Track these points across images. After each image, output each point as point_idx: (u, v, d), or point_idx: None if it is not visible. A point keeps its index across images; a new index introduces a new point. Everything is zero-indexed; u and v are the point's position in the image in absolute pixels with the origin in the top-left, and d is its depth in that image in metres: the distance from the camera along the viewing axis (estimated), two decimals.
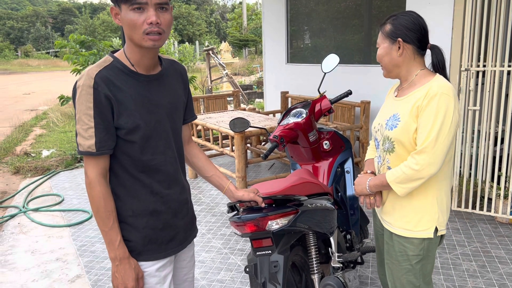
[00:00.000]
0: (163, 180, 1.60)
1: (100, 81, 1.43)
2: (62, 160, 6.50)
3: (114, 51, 1.58)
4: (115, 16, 1.48)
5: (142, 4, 1.40)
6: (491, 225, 3.78)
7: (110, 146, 1.47)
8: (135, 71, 1.51)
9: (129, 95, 1.48)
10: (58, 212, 4.50)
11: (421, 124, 1.65)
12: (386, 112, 1.84)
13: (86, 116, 1.42)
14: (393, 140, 1.73)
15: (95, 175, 1.47)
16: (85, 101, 1.42)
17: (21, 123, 10.20)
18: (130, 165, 1.53)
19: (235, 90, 7.46)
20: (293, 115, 2.60)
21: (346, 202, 2.71)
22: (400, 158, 1.74)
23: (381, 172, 1.86)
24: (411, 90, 1.75)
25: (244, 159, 4.35)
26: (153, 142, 1.55)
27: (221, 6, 63.74)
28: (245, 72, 23.26)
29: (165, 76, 1.61)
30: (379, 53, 1.80)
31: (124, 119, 1.46)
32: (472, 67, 3.63)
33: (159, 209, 1.60)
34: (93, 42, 6.64)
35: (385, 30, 1.76)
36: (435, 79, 1.71)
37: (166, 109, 1.58)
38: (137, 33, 1.42)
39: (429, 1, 4.29)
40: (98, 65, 1.48)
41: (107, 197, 1.49)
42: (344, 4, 5.72)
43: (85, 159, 1.48)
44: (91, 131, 1.43)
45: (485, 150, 3.77)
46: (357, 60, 5.58)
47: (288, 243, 2.00)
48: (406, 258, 1.80)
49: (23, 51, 51.03)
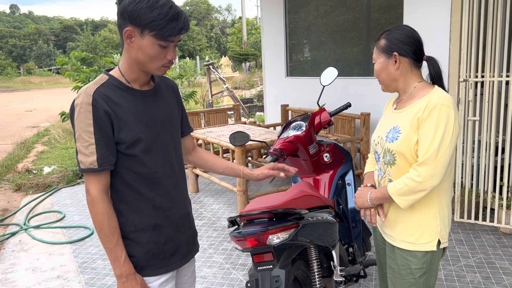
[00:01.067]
0: (164, 193, 1.60)
1: (98, 98, 1.44)
2: (63, 177, 6.50)
3: (108, 69, 1.60)
4: (128, 37, 1.45)
5: (170, 42, 1.46)
6: (495, 236, 3.75)
7: (111, 162, 1.48)
8: (131, 87, 1.53)
9: (127, 110, 1.49)
10: (59, 229, 4.49)
11: (422, 136, 1.64)
12: (386, 125, 1.84)
13: (86, 133, 1.43)
14: (394, 153, 1.73)
15: (97, 192, 1.47)
16: (85, 119, 1.43)
17: (22, 140, 10.23)
18: (131, 179, 1.54)
19: (236, 104, 7.49)
20: (293, 128, 2.60)
21: (348, 214, 2.70)
22: (401, 171, 1.73)
23: (382, 185, 1.85)
24: (410, 102, 1.76)
25: None
26: (153, 155, 1.56)
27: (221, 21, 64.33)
28: (246, 86, 23.37)
29: (158, 91, 1.64)
30: (376, 68, 1.80)
31: (125, 134, 1.48)
32: (470, 77, 3.64)
33: (161, 224, 1.60)
34: (94, 59, 6.69)
35: (380, 45, 1.77)
36: (434, 91, 1.71)
37: (163, 122, 1.60)
38: (154, 64, 1.48)
39: (426, 13, 4.33)
40: (95, 83, 1.50)
41: (110, 213, 1.49)
42: (342, 18, 5.77)
43: (87, 177, 1.48)
44: (92, 147, 1.44)
45: (486, 160, 3.76)
46: (356, 72, 5.60)
47: (290, 257, 1.99)
48: (409, 272, 1.78)
49: (26, 68, 51.48)
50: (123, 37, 1.47)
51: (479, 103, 3.70)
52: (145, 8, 1.40)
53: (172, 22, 1.42)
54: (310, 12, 6.23)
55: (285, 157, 2.47)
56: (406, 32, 1.75)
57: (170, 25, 1.41)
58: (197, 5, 61.39)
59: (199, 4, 61.74)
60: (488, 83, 3.60)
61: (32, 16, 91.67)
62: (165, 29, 1.41)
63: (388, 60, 1.76)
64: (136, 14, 1.41)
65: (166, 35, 1.42)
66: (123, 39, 1.47)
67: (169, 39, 1.44)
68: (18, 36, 59.63)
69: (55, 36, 64.66)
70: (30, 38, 59.07)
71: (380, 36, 1.80)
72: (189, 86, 19.16)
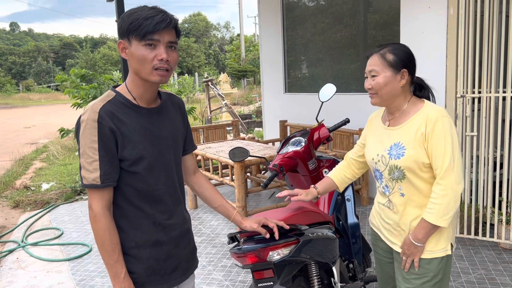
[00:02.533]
0: (165, 210, 1.61)
1: (104, 115, 1.46)
2: (61, 193, 6.48)
3: (115, 86, 1.61)
4: (122, 50, 1.51)
5: (154, 41, 1.45)
6: (495, 251, 3.74)
7: (114, 178, 1.50)
8: (137, 104, 1.55)
9: (132, 127, 1.51)
10: (57, 246, 4.45)
11: (434, 150, 1.71)
12: (383, 143, 1.87)
13: (90, 149, 1.45)
14: (403, 168, 1.77)
15: (100, 208, 1.48)
16: (90, 135, 1.45)
17: (21, 156, 10.21)
18: (133, 196, 1.55)
19: (234, 120, 7.52)
20: (292, 144, 2.62)
21: (348, 230, 2.69)
22: (412, 183, 1.78)
23: (393, 201, 1.86)
24: (406, 118, 1.82)
25: (244, 188, 4.34)
26: (155, 172, 1.57)
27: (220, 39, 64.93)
28: (244, 102, 23.48)
29: (164, 108, 1.65)
30: (380, 81, 1.79)
31: (128, 151, 1.50)
32: (467, 93, 3.68)
33: (161, 240, 1.61)
34: (94, 76, 6.74)
35: (388, 59, 1.78)
36: (427, 105, 1.80)
37: (167, 140, 1.62)
38: (146, 67, 1.47)
39: (422, 30, 4.39)
40: (102, 100, 1.52)
41: (112, 230, 1.50)
42: (339, 35, 5.84)
43: (90, 192, 1.49)
44: (95, 164, 1.45)
45: (484, 175, 3.77)
46: (353, 88, 5.65)
47: (290, 274, 1.98)
48: (427, 280, 1.80)
49: (25, 85, 51.66)
50: (120, 53, 1.52)
51: (476, 119, 3.72)
52: (127, 16, 1.47)
53: (148, 19, 1.43)
54: (308, 29, 6.30)
55: (284, 172, 2.47)
56: (410, 51, 1.82)
57: (145, 23, 1.43)
58: (195, 23, 62.02)
59: (198, 22, 62.38)
60: (485, 99, 3.63)
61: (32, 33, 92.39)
62: (141, 27, 1.43)
63: (396, 76, 1.78)
64: (121, 25, 1.48)
65: (143, 33, 1.43)
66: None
67: (150, 37, 1.44)
68: (18, 53, 60.00)
69: (55, 53, 65.06)
70: (30, 55, 59.42)
71: (384, 50, 1.81)
72: (188, 102, 19.24)
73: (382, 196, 1.94)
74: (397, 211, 1.86)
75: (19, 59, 58.03)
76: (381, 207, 1.96)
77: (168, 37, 1.48)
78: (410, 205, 1.82)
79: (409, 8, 4.56)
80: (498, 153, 3.78)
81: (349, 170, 2.18)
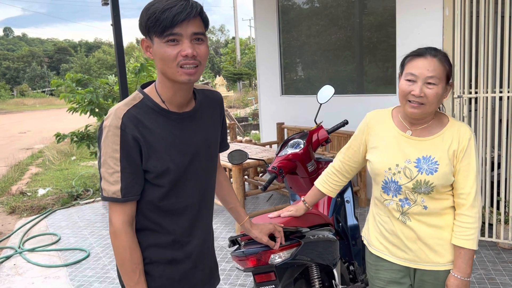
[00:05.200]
0: (186, 226, 1.47)
1: (128, 122, 1.32)
2: (58, 199, 6.44)
3: (144, 85, 1.45)
4: (146, 49, 1.36)
5: (176, 36, 1.27)
6: (494, 251, 3.74)
7: (137, 192, 1.36)
8: (166, 109, 1.39)
9: (159, 135, 1.36)
10: (55, 252, 4.42)
11: (465, 169, 1.65)
12: (404, 153, 1.70)
13: (112, 159, 1.32)
14: (434, 185, 1.64)
15: (120, 223, 1.35)
16: (112, 143, 1.31)
17: (16, 162, 10.15)
18: (153, 210, 1.42)
19: (231, 123, 7.51)
20: (291, 146, 2.61)
21: (348, 232, 2.68)
22: (434, 197, 1.68)
23: (413, 214, 1.71)
24: (434, 131, 1.69)
25: (242, 191, 4.33)
26: (181, 186, 1.43)
27: (215, 42, 64.96)
28: (240, 105, 23.49)
29: (199, 112, 1.48)
30: (439, 92, 1.60)
31: (153, 162, 1.35)
32: (464, 94, 3.69)
33: (178, 258, 1.47)
34: (90, 80, 6.70)
35: (447, 69, 1.62)
36: (452, 120, 1.71)
37: (199, 148, 1.46)
38: (170, 66, 1.30)
39: (418, 31, 4.41)
40: (127, 104, 1.36)
41: (133, 247, 1.37)
42: (335, 37, 5.85)
43: (110, 206, 1.37)
44: (116, 175, 1.32)
45: (482, 175, 3.78)
46: (350, 90, 5.66)
47: (292, 276, 1.97)
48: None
49: (19, 90, 51.48)
50: (145, 52, 1.37)
51: (473, 119, 3.74)
52: (144, 10, 1.30)
53: (165, 12, 1.25)
54: (303, 32, 6.31)
55: (283, 175, 2.47)
56: None
57: (162, 16, 1.24)
58: None
59: None
60: (482, 99, 3.65)
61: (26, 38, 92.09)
62: (159, 22, 1.25)
63: (446, 87, 1.65)
64: (140, 22, 1.32)
65: (162, 29, 1.26)
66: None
67: (169, 32, 1.26)
68: (12, 58, 59.81)
69: (49, 58, 64.88)
70: (24, 60, 59.25)
71: (439, 56, 1.62)
72: None
73: (394, 211, 1.75)
74: (418, 225, 1.71)
75: (13, 64, 57.83)
76: (393, 223, 1.77)
77: (192, 28, 1.28)
78: (432, 217, 1.70)
79: (404, 9, 4.58)
80: (495, 153, 3.79)
81: (341, 177, 2.01)
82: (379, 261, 1.83)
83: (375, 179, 1.81)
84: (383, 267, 1.82)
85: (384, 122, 1.80)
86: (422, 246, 1.72)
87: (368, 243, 1.91)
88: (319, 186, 2.06)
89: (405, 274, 1.79)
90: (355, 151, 1.91)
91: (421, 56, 1.61)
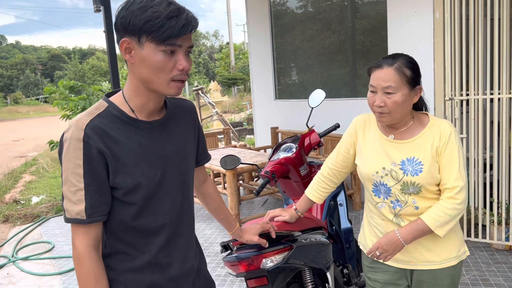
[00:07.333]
0: (164, 246, 1.34)
1: (91, 133, 1.19)
2: (52, 206, 6.40)
3: (109, 93, 1.32)
4: (125, 50, 1.21)
5: (175, 47, 1.18)
6: (488, 252, 3.75)
7: (103, 212, 1.23)
8: (135, 117, 1.27)
9: (127, 147, 1.24)
10: (49, 260, 4.39)
11: (447, 164, 1.65)
12: (389, 156, 1.72)
13: (74, 175, 1.19)
14: (421, 185, 1.66)
15: (84, 246, 1.22)
16: (74, 158, 1.18)
17: (10, 170, 10.09)
18: (125, 230, 1.29)
19: (226, 128, 7.51)
20: (283, 150, 2.61)
21: (341, 235, 2.69)
22: (425, 196, 1.69)
23: (406, 215, 1.73)
24: (415, 132, 1.71)
25: (237, 196, 4.33)
26: (155, 202, 1.30)
27: (209, 47, 65.09)
28: (235, 110, 23.50)
29: (170, 120, 1.36)
30: (398, 100, 1.61)
31: (122, 178, 1.23)
32: (456, 96, 3.71)
33: (158, 283, 1.34)
34: (83, 87, 6.69)
35: (406, 75, 1.62)
36: (433, 118, 1.73)
37: (173, 158, 1.34)
38: (162, 77, 1.20)
39: (409, 34, 4.43)
40: (90, 113, 1.23)
41: (99, 275, 1.23)
42: (328, 41, 5.88)
43: (73, 228, 1.22)
44: (80, 194, 1.19)
45: (475, 177, 3.80)
46: (343, 94, 5.68)
47: (284, 281, 1.97)
48: (452, 286, 1.79)
49: (13, 98, 51.24)
50: (122, 53, 1.22)
51: (465, 121, 3.76)
52: (137, 9, 1.16)
53: (171, 20, 1.15)
54: (296, 36, 6.34)
55: (276, 179, 2.47)
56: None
57: (168, 23, 1.14)
58: None
59: None
60: (473, 101, 3.67)
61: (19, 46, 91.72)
62: (163, 29, 1.14)
63: (411, 93, 1.65)
64: (128, 20, 1.16)
65: (165, 37, 1.15)
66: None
67: (172, 42, 1.17)
68: (5, 66, 59.54)
69: (43, 65, 64.68)
70: (17, 67, 58.99)
71: (398, 63, 1.64)
72: None
73: (387, 213, 1.76)
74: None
75: (7, 72, 57.57)
76: (388, 225, 1.78)
77: (189, 42, 1.22)
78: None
79: (395, 13, 4.61)
80: (487, 154, 3.81)
81: (329, 183, 2.00)
82: (375, 263, 1.85)
83: (365, 183, 1.83)
84: (380, 269, 1.84)
85: (370, 126, 1.83)
86: (418, 246, 1.74)
87: (364, 246, 1.92)
88: (309, 195, 2.05)
89: (402, 275, 1.82)
90: (344, 156, 1.92)
91: (378, 67, 1.67)
